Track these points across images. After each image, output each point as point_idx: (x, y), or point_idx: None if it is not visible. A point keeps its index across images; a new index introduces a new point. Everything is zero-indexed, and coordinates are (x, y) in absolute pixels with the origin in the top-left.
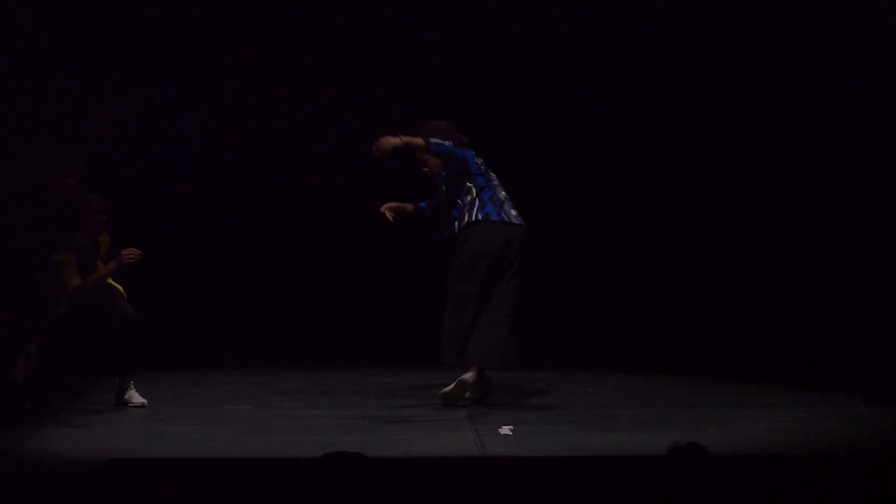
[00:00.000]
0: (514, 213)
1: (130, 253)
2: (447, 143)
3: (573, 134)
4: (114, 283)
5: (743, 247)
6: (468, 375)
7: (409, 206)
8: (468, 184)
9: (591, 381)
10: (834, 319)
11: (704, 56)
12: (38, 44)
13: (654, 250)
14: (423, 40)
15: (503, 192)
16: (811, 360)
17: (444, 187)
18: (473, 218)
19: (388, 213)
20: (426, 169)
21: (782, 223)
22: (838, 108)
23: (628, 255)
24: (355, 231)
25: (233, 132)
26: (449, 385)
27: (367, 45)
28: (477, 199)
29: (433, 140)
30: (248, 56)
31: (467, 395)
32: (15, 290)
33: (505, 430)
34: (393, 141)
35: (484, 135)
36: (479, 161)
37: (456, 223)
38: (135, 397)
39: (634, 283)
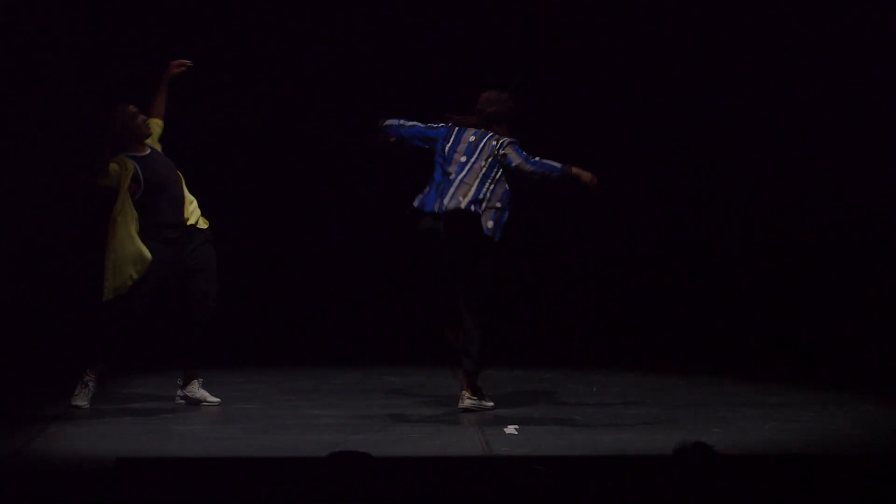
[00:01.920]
0: (448, 200)
1: (181, 63)
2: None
3: (573, 134)
4: None
5: (752, 245)
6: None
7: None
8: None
9: (597, 381)
10: (842, 319)
11: (704, 56)
12: (38, 44)
13: (661, 248)
14: (424, 40)
15: (462, 176)
16: (819, 360)
17: None
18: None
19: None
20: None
21: (791, 221)
22: (838, 108)
23: (635, 252)
24: (364, 230)
25: (236, 132)
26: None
27: (367, 44)
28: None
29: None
30: (248, 56)
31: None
32: None
33: (510, 429)
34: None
35: None
36: (454, 146)
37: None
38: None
39: (640, 281)
